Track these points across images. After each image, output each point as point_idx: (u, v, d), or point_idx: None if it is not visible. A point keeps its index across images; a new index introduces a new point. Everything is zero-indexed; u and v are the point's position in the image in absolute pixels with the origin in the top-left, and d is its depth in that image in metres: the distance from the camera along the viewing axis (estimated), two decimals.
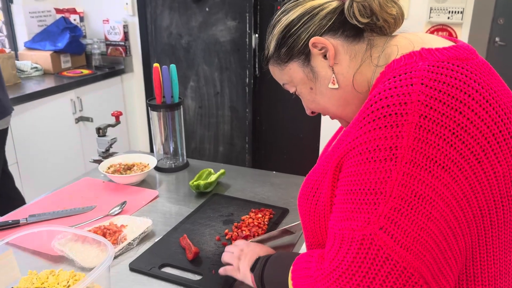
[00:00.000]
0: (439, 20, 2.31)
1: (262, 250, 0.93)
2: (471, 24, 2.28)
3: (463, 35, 2.30)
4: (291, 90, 0.85)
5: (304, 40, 0.77)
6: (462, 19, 2.26)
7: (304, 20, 0.76)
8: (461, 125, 0.61)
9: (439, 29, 2.33)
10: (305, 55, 0.78)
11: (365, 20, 0.74)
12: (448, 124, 0.61)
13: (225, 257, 0.97)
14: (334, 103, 0.80)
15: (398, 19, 0.76)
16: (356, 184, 0.64)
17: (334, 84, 0.77)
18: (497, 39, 3.16)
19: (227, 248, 0.99)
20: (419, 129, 0.60)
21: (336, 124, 0.98)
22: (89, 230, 1.12)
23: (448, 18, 2.28)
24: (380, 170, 0.61)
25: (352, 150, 0.65)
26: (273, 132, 3.15)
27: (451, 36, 2.31)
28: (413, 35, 0.76)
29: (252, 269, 0.88)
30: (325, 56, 0.77)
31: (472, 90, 0.63)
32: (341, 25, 0.75)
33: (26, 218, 1.24)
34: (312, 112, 0.88)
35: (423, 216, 0.60)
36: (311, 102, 0.84)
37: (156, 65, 1.48)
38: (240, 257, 0.93)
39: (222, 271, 0.95)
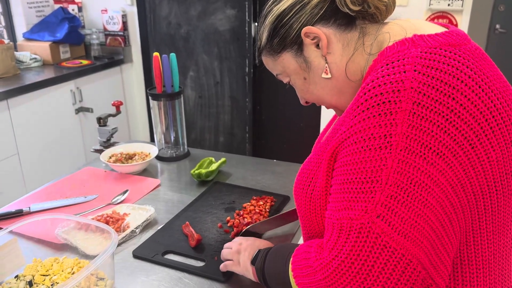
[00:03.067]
0: (439, 7, 2.30)
1: (262, 243, 0.94)
2: (471, 11, 2.27)
3: (464, 22, 2.29)
4: (285, 81, 0.85)
5: (296, 30, 0.76)
6: (462, 6, 2.25)
7: (295, 9, 0.76)
8: (455, 111, 0.61)
9: (439, 16, 2.32)
10: (298, 45, 0.78)
11: (356, 8, 0.73)
12: (442, 110, 0.61)
13: (224, 253, 0.97)
14: (328, 92, 0.80)
15: (390, 5, 0.76)
16: (352, 174, 0.65)
17: (327, 73, 0.77)
18: (497, 26, 3.15)
19: (226, 244, 0.99)
20: (412, 116, 0.60)
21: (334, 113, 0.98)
22: (92, 219, 1.13)
23: (449, 5, 2.27)
24: (376, 159, 0.62)
25: (347, 139, 0.66)
26: (273, 122, 3.15)
27: (451, 23, 2.30)
28: (405, 21, 0.76)
29: (253, 262, 0.88)
30: (317, 46, 0.77)
31: (465, 76, 0.63)
32: (333, 13, 0.75)
33: (29, 208, 1.25)
34: (306, 102, 0.88)
35: (419, 202, 0.61)
36: (305, 92, 0.84)
37: (156, 54, 1.48)
38: (239, 251, 0.93)
39: (222, 267, 0.95)
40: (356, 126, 0.64)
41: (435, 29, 0.72)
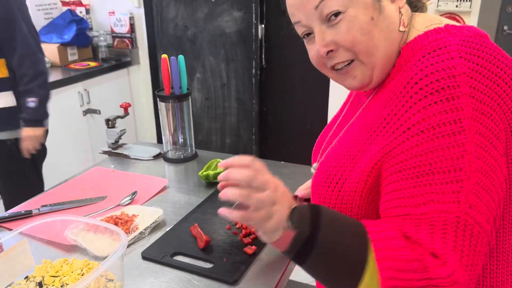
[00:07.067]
0: (447, 9, 2.29)
1: (291, 197, 0.69)
2: (479, 12, 2.26)
3: (471, 24, 2.28)
4: (334, 8, 0.69)
5: None
6: (470, 7, 2.24)
7: None
8: (501, 96, 0.63)
9: (447, 17, 2.30)
10: None
11: None
12: (491, 95, 0.62)
13: (254, 197, 0.63)
14: (385, 45, 0.72)
15: None
16: (426, 165, 0.62)
17: (404, 26, 0.73)
18: (505, 27, 3.13)
19: (248, 173, 0.65)
20: (473, 99, 0.61)
21: None
22: (101, 220, 1.14)
23: (456, 6, 2.26)
24: (453, 145, 0.60)
25: (407, 131, 0.64)
26: (279, 123, 3.15)
27: None
28: (428, 14, 0.79)
29: (295, 225, 0.65)
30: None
31: (502, 64, 0.65)
32: None
33: (39, 209, 1.25)
34: (330, 51, 0.73)
35: (496, 186, 0.62)
36: (361, 33, 0.70)
37: (164, 56, 1.48)
38: (274, 202, 0.64)
39: (233, 214, 0.65)
40: (416, 116, 0.63)
41: (456, 23, 0.74)
